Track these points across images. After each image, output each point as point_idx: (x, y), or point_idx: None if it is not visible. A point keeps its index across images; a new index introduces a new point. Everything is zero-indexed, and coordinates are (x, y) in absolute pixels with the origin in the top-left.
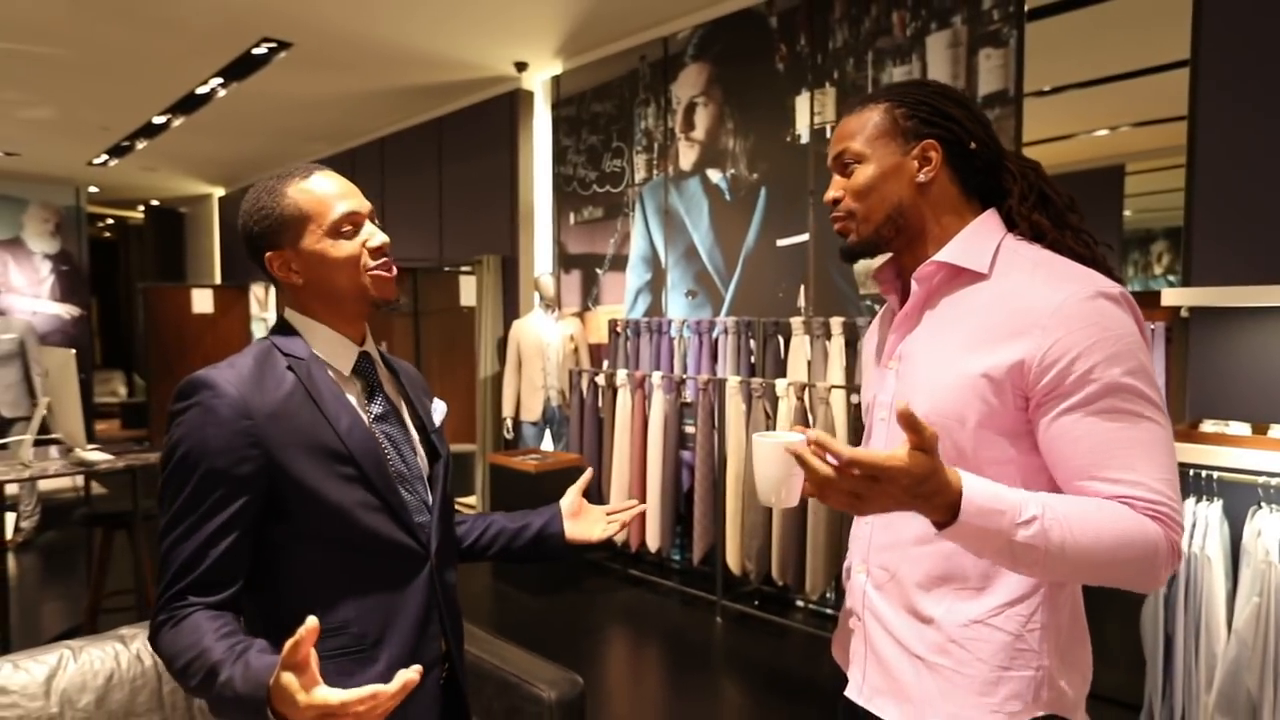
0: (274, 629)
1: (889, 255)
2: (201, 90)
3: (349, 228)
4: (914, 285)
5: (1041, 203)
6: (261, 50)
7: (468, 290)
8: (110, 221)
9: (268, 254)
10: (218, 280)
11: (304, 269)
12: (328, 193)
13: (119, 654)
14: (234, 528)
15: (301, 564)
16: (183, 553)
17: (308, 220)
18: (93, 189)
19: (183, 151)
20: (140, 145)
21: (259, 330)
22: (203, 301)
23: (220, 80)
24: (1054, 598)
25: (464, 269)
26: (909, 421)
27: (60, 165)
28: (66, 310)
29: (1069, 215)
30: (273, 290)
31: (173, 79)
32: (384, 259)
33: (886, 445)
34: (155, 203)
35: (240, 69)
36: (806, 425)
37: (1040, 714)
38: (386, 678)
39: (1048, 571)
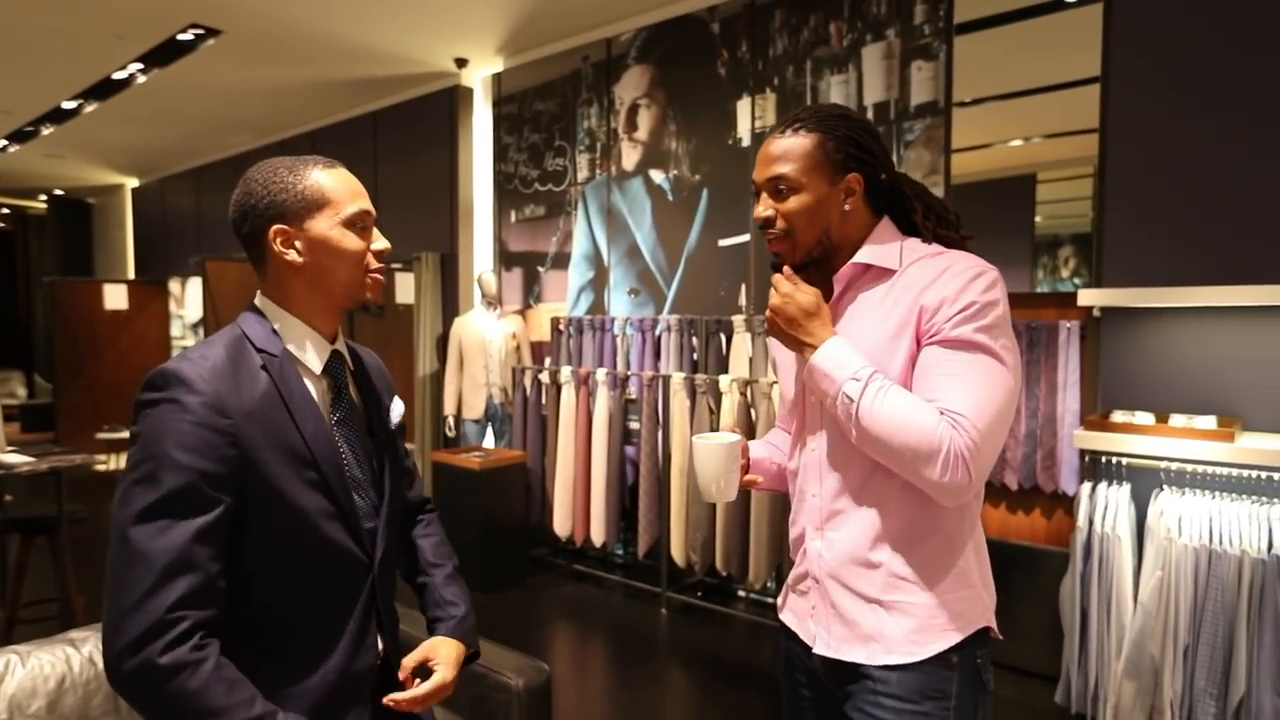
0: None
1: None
2: (119, 75)
3: (361, 224)
4: (835, 284)
5: (940, 222)
6: (188, 36)
7: (404, 287)
8: (6, 211)
9: (275, 226)
10: (131, 275)
11: (308, 250)
12: (350, 186)
13: (70, 657)
14: (218, 531)
15: (255, 569)
16: (163, 556)
17: (326, 204)
18: None
19: (94, 139)
20: (46, 131)
21: (176, 329)
22: (116, 297)
23: (141, 66)
24: (966, 539)
25: (396, 265)
26: (791, 275)
27: None
28: None
29: (958, 227)
30: (189, 286)
31: (88, 62)
32: (380, 265)
33: (818, 424)
34: (59, 192)
35: (164, 55)
36: (750, 419)
37: (979, 625)
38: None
39: (856, 428)
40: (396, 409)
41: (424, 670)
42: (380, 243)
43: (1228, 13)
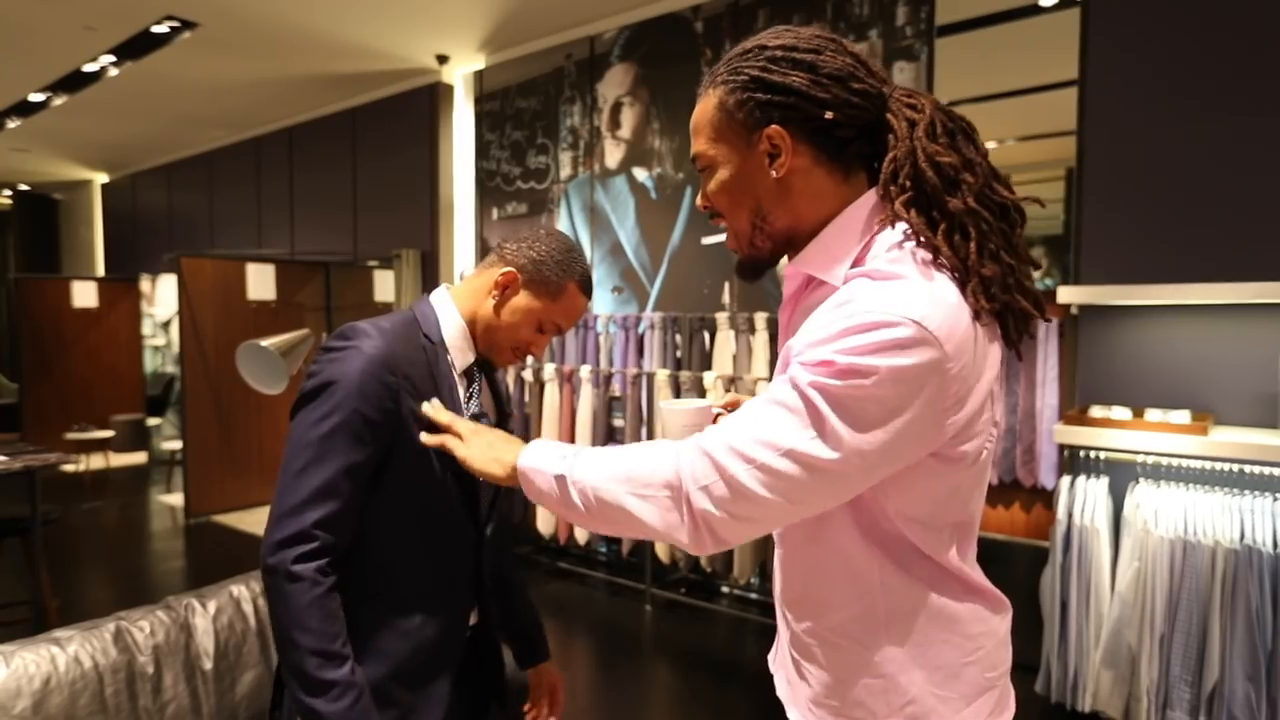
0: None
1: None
2: (90, 68)
3: (549, 330)
4: (784, 282)
5: (918, 178)
6: (163, 29)
7: (383, 285)
8: None
9: (511, 271)
10: (100, 273)
11: (504, 305)
12: (575, 308)
13: (55, 657)
14: (364, 471)
15: (382, 521)
16: (319, 475)
17: (550, 301)
18: None
19: (62, 133)
20: (12, 124)
21: (148, 327)
22: (85, 295)
23: (113, 58)
24: (902, 616)
25: (372, 263)
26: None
27: None
28: None
29: (962, 177)
30: (160, 284)
31: (57, 54)
32: (523, 356)
33: None
34: (25, 187)
35: (137, 47)
36: None
37: None
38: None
39: (580, 508)
40: (502, 413)
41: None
42: (540, 347)
43: (1204, 16)
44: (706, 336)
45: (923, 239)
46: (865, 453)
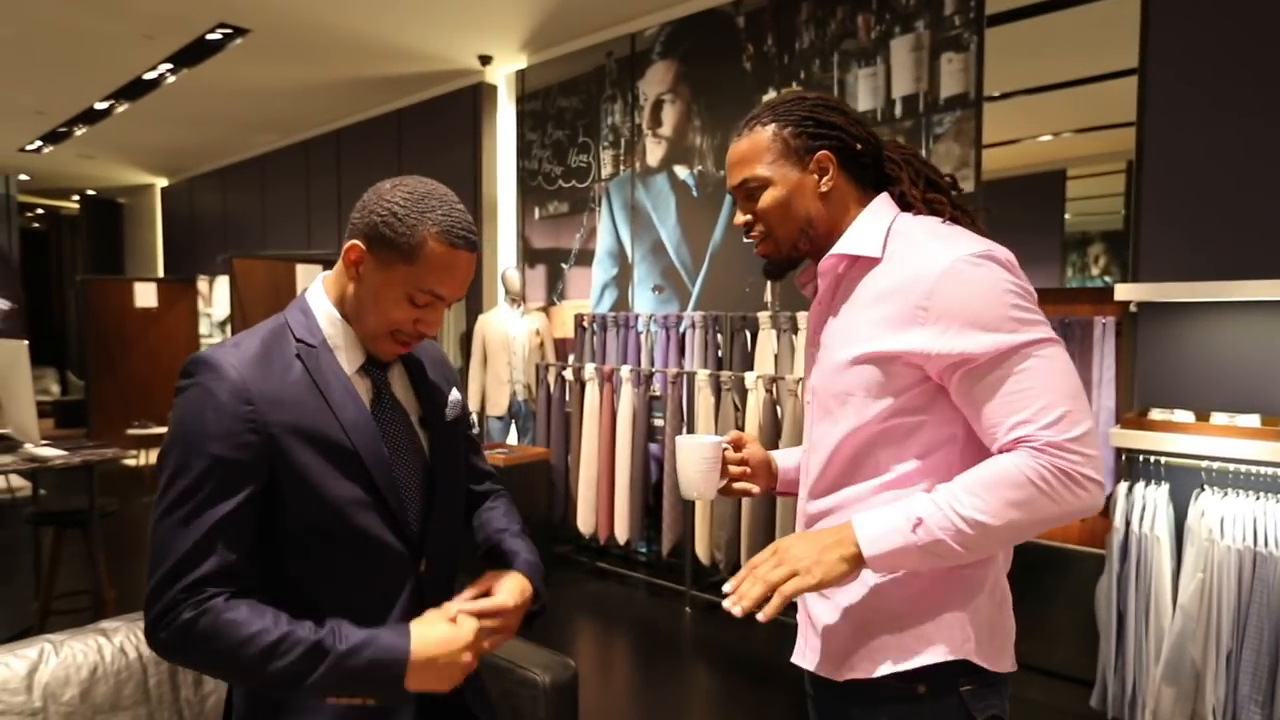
0: None
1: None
2: (149, 76)
3: (424, 302)
4: (819, 279)
5: (931, 185)
6: (216, 36)
7: None
8: (41, 211)
9: (354, 242)
10: (160, 274)
11: (365, 280)
12: (448, 267)
13: (102, 647)
14: (242, 516)
15: (289, 554)
16: (187, 538)
17: (411, 264)
18: (23, 177)
19: (125, 139)
20: (79, 131)
21: (204, 326)
22: (145, 295)
23: (170, 66)
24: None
25: None
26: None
27: None
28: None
29: (951, 192)
30: (216, 284)
31: (119, 63)
32: (410, 340)
33: (810, 426)
34: (91, 192)
35: (192, 55)
36: (775, 417)
37: (960, 655)
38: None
39: (972, 552)
40: (453, 401)
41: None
42: (428, 324)
43: (1269, 2)
44: (748, 336)
45: (946, 216)
46: (1045, 321)
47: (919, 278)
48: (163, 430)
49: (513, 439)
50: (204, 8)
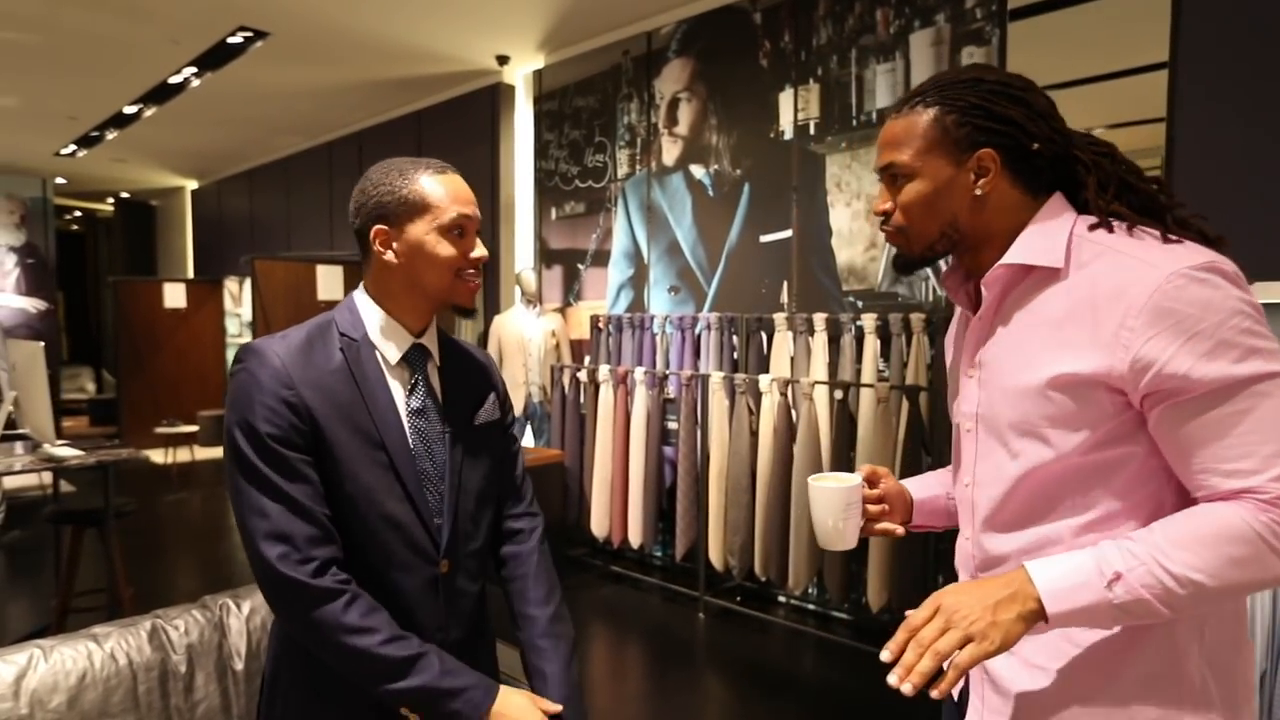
0: None
1: (953, 260)
2: (175, 80)
3: (458, 231)
4: (984, 291)
5: (1123, 191)
6: (238, 39)
7: None
8: (78, 214)
9: (376, 227)
10: (190, 275)
11: (403, 252)
12: (453, 191)
13: (92, 653)
14: (307, 477)
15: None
16: (280, 512)
17: (426, 210)
18: (60, 180)
19: (154, 143)
20: (110, 136)
21: (233, 326)
22: (175, 296)
23: (194, 70)
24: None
25: None
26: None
27: (26, 156)
28: (33, 304)
29: (1159, 198)
30: (247, 286)
31: (145, 68)
32: (474, 270)
33: (974, 457)
34: (125, 195)
35: (215, 58)
36: (790, 420)
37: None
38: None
39: (1174, 613)
40: (488, 408)
41: None
42: (478, 250)
43: None
44: (764, 337)
45: (1136, 224)
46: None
47: (1123, 293)
48: (191, 429)
49: (528, 441)
50: (225, 12)
